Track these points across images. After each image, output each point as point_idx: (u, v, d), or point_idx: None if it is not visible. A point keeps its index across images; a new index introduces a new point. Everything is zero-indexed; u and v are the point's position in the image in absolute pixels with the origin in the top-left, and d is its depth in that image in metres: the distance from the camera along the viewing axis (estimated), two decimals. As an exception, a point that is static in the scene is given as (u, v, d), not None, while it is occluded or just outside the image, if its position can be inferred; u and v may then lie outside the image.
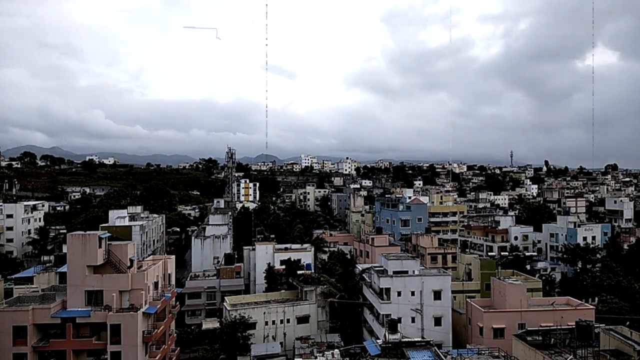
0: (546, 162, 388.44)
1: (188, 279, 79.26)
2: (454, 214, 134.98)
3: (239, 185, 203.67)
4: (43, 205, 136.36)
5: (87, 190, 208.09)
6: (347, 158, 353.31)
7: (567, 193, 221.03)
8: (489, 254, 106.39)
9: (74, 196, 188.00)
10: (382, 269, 62.20)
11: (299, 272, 71.96)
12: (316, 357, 46.97)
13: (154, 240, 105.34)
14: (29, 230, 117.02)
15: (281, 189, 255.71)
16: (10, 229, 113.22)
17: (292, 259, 76.45)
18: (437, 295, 58.06)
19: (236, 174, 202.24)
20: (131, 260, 51.40)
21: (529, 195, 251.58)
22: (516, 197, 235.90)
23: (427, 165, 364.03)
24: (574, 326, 43.48)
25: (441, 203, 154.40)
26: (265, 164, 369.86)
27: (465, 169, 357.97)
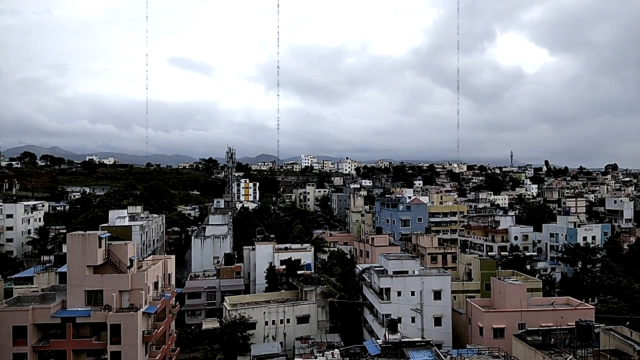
0: (546, 162, 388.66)
1: (188, 279, 79.24)
2: (454, 214, 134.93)
3: (239, 185, 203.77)
4: (43, 205, 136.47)
5: (87, 190, 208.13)
6: (347, 158, 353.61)
7: (567, 193, 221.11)
8: (489, 254, 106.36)
9: (74, 196, 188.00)
10: (382, 269, 62.19)
11: (299, 272, 71.97)
12: (316, 357, 46.96)
13: (154, 240, 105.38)
14: (29, 230, 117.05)
15: (281, 189, 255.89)
16: (10, 229, 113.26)
17: (292, 259, 76.42)
18: (437, 295, 58.06)
19: (236, 174, 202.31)
20: (131, 260, 51.43)
21: (529, 195, 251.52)
22: (516, 197, 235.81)
23: (427, 165, 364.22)
24: (574, 326, 43.47)
25: (441, 203, 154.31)
26: (265, 163, 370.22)
27: (465, 169, 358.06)
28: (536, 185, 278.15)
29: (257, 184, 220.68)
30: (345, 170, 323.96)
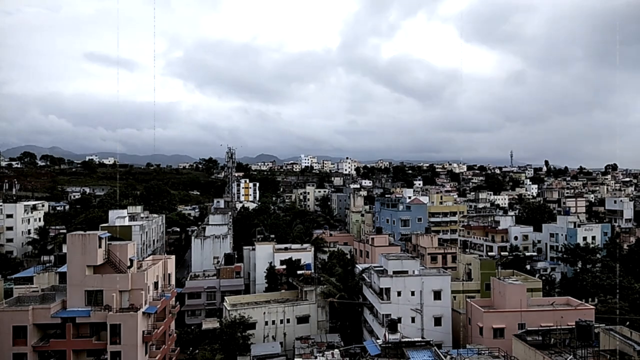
0: (546, 162, 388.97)
1: (188, 279, 79.25)
2: (454, 214, 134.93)
3: (239, 185, 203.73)
4: (43, 205, 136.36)
5: (87, 190, 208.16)
6: (347, 158, 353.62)
7: (567, 193, 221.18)
8: (489, 254, 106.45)
9: (74, 196, 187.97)
10: (382, 269, 62.19)
11: (299, 272, 71.95)
12: (316, 357, 47.03)
13: (154, 240, 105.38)
14: (29, 230, 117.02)
15: (281, 189, 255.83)
16: (10, 229, 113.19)
17: (292, 259, 76.41)
18: (437, 295, 58.04)
19: (236, 174, 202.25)
20: (131, 260, 51.43)
21: (529, 195, 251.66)
22: (516, 197, 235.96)
23: (427, 165, 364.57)
24: (574, 326, 43.49)
25: (441, 203, 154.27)
26: (265, 164, 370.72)
27: (465, 169, 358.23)
28: (536, 185, 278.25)
29: (257, 184, 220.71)
30: (345, 170, 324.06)
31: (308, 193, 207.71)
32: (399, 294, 57.33)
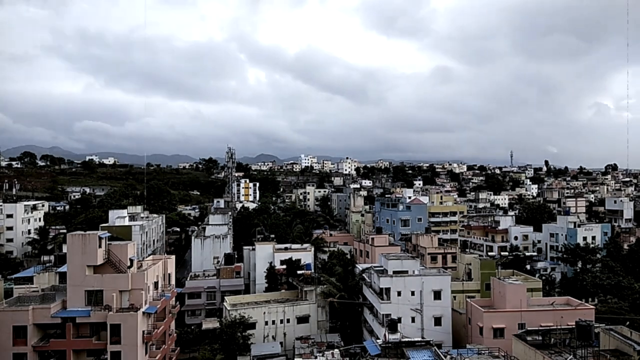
0: (546, 162, 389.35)
1: (188, 279, 79.25)
2: (454, 214, 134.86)
3: (239, 185, 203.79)
4: (43, 205, 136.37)
5: (87, 190, 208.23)
6: (347, 158, 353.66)
7: (567, 193, 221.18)
8: (489, 254, 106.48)
9: (74, 196, 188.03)
10: (382, 268, 62.21)
11: (299, 272, 71.97)
12: (316, 357, 47.07)
13: (154, 240, 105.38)
14: (29, 230, 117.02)
15: (281, 189, 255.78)
16: (10, 229, 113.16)
17: (292, 259, 76.40)
18: (437, 295, 58.05)
19: (236, 174, 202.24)
20: (131, 260, 51.43)
21: (529, 195, 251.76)
22: (516, 197, 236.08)
23: (427, 165, 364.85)
24: (574, 326, 43.48)
25: (441, 203, 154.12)
26: (265, 163, 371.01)
27: (465, 169, 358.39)
28: (536, 185, 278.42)
29: (257, 184, 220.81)
30: (345, 170, 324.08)
31: (308, 193, 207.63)
32: (399, 293, 57.33)
